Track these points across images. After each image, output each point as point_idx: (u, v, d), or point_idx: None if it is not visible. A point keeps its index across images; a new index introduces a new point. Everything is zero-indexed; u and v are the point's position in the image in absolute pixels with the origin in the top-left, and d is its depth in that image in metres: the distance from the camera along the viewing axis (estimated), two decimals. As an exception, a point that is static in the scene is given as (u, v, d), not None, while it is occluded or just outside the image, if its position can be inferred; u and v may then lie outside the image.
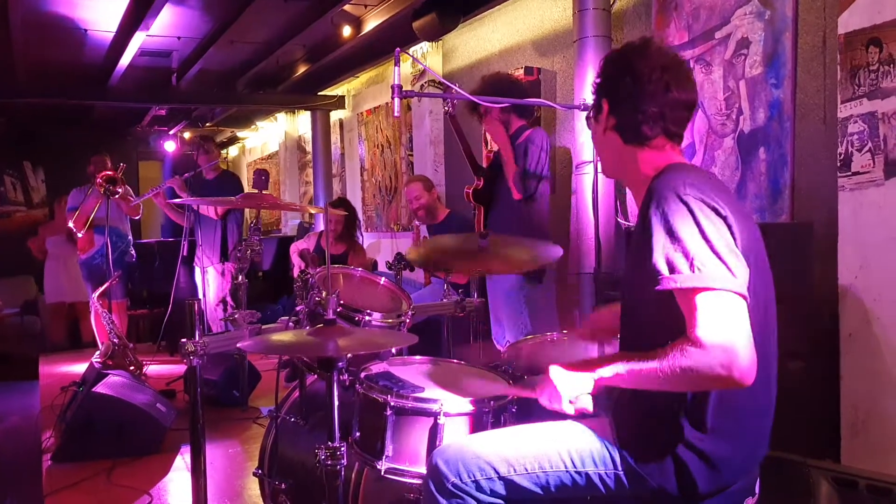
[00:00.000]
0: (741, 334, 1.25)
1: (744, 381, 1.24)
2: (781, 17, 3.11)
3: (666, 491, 1.41)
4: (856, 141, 2.76)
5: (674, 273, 1.29)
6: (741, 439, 1.44)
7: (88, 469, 3.23)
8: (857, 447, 2.67)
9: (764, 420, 1.49)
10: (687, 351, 1.25)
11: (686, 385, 1.30)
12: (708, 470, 1.40)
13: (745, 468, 1.47)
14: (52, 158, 9.59)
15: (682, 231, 1.31)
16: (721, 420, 1.39)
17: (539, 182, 3.38)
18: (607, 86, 1.53)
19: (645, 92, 1.45)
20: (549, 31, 4.54)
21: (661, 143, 1.49)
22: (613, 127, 1.52)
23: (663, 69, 1.45)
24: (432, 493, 1.48)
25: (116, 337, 4.65)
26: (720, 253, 1.29)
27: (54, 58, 6.34)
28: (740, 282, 1.28)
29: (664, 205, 1.34)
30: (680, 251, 1.30)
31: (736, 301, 1.27)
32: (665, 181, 1.39)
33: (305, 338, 1.64)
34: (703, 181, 1.41)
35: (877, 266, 2.66)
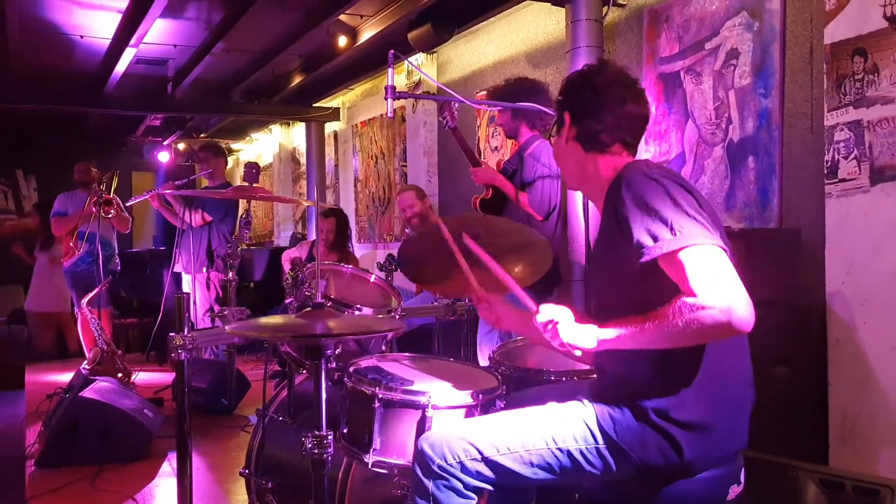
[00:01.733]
0: (733, 281, 1.31)
1: (744, 326, 1.29)
2: (770, 28, 3.16)
3: (650, 465, 1.43)
4: (842, 149, 2.80)
5: (657, 241, 1.36)
6: (722, 406, 1.47)
7: (73, 474, 3.19)
8: (846, 452, 2.68)
9: (743, 388, 1.52)
10: (686, 304, 1.31)
11: (690, 338, 1.33)
12: (691, 435, 1.42)
13: (729, 437, 1.49)
14: (45, 167, 9.57)
15: (656, 203, 1.39)
16: (700, 388, 1.43)
17: (553, 195, 3.29)
18: (569, 100, 1.67)
19: (603, 104, 1.60)
20: (543, 43, 4.59)
21: (619, 150, 1.62)
22: (575, 137, 1.64)
23: (619, 84, 1.61)
24: (418, 477, 1.49)
25: (105, 343, 4.63)
26: (693, 216, 1.37)
27: (49, 64, 6.36)
28: (717, 236, 1.37)
29: (635, 186, 1.44)
30: (658, 220, 1.38)
31: (719, 253, 1.35)
32: (631, 169, 1.51)
33: (294, 320, 1.64)
34: (665, 168, 1.54)
35: (863, 272, 2.69)
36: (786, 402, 2.64)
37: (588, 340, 1.45)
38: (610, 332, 1.42)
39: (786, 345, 2.68)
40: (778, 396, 2.60)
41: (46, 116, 8.33)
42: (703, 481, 1.47)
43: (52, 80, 6.82)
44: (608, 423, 1.46)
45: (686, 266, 1.33)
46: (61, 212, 5.49)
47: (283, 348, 2.10)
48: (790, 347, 2.69)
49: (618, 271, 1.48)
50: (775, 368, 2.64)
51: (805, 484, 2.14)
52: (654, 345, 1.38)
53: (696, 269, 1.32)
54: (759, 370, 1.56)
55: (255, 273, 7.14)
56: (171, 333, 1.90)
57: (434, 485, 1.46)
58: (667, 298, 1.35)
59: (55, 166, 9.22)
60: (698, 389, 1.43)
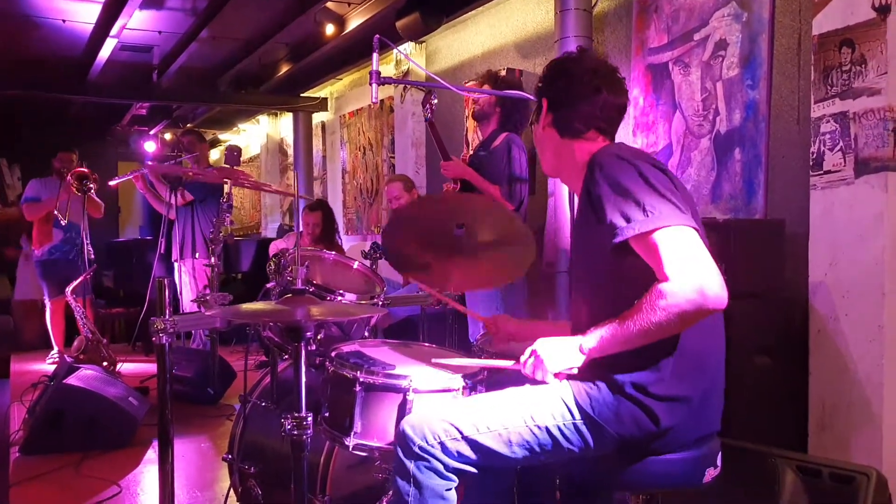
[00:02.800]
0: (704, 260, 1.34)
1: (718, 304, 1.32)
2: (758, 19, 3.16)
3: (626, 438, 1.45)
4: (828, 140, 2.81)
5: (630, 222, 1.38)
6: (698, 382, 1.49)
7: (57, 461, 3.17)
8: (825, 441, 2.70)
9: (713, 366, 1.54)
10: (661, 291, 1.33)
11: (671, 325, 1.34)
12: (667, 405, 1.44)
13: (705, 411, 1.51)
14: (29, 156, 9.45)
15: (629, 184, 1.42)
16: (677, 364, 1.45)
17: (523, 187, 3.34)
18: (546, 87, 1.69)
19: (578, 93, 1.62)
20: (532, 33, 4.58)
21: (594, 136, 1.64)
22: (551, 123, 1.66)
23: (595, 72, 1.62)
24: (400, 458, 1.49)
25: (90, 332, 4.60)
26: (666, 196, 1.39)
27: (31, 50, 6.27)
28: (688, 216, 1.39)
29: (607, 168, 1.46)
30: (631, 201, 1.40)
31: (691, 233, 1.37)
32: (604, 151, 1.53)
33: (275, 306, 1.63)
34: (639, 149, 1.57)
35: (846, 263, 2.70)
36: (767, 391, 2.66)
37: (574, 358, 1.47)
38: (594, 340, 1.44)
39: (768, 334, 2.70)
40: (759, 385, 2.62)
41: (30, 104, 8.24)
42: (680, 462, 1.49)
43: (34, 67, 6.73)
44: (584, 398, 1.48)
45: (659, 247, 1.35)
46: (34, 197, 5.41)
47: (265, 334, 2.10)
48: (772, 337, 2.71)
49: (595, 254, 1.49)
50: (757, 357, 2.66)
51: (783, 471, 2.16)
52: (639, 341, 1.38)
53: (669, 250, 1.34)
54: (741, 359, 1.58)
55: (243, 264, 7.11)
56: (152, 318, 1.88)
57: (415, 465, 1.46)
58: (642, 279, 1.36)
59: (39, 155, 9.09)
60: (675, 366, 1.45)
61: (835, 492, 2.07)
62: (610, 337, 1.41)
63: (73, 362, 3.85)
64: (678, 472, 1.51)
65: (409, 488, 1.46)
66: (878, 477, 2.02)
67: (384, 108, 6.41)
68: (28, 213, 5.42)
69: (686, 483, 1.54)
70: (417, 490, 1.46)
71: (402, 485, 1.48)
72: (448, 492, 1.48)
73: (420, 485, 1.46)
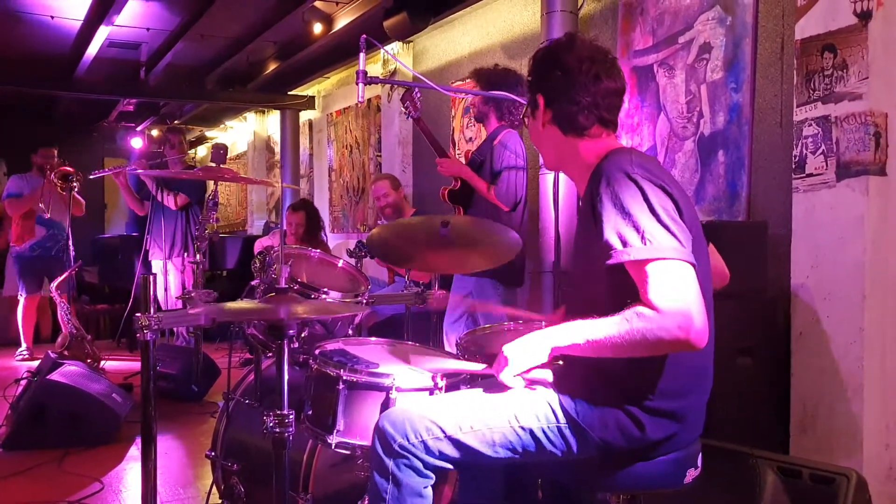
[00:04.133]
0: (694, 298, 1.31)
1: (699, 343, 1.30)
2: (742, 23, 3.20)
3: (610, 444, 1.44)
4: (810, 144, 2.84)
5: (626, 246, 1.35)
6: (691, 396, 1.48)
7: (40, 457, 3.16)
8: (806, 442, 2.73)
9: (708, 380, 1.53)
10: (643, 316, 1.31)
11: (642, 349, 1.33)
12: (657, 419, 1.44)
13: (694, 424, 1.51)
14: (15, 152, 9.35)
15: (632, 207, 1.37)
16: (671, 381, 1.44)
17: (519, 187, 3.31)
18: (540, 81, 1.59)
19: (577, 83, 1.53)
20: (519, 34, 4.60)
21: (598, 132, 1.57)
22: (551, 120, 1.58)
23: (591, 60, 1.53)
24: (379, 455, 1.47)
25: (74, 328, 4.56)
26: (668, 225, 1.35)
27: (18, 45, 6.22)
28: (688, 250, 1.35)
29: (614, 184, 1.41)
30: (631, 225, 1.35)
31: (686, 268, 1.33)
32: (613, 163, 1.46)
33: (258, 304, 1.63)
34: (649, 162, 1.49)
35: (828, 266, 2.74)
36: (748, 392, 2.69)
37: (539, 354, 1.44)
38: (563, 338, 1.41)
39: (750, 336, 2.73)
40: (741, 386, 2.64)
41: (15, 100, 8.16)
42: (661, 463, 1.49)
43: (21, 63, 6.67)
44: (569, 402, 1.47)
45: (650, 278, 1.31)
46: (15, 193, 5.38)
47: (249, 331, 2.10)
48: (754, 338, 2.74)
49: (593, 261, 1.46)
50: (739, 359, 2.68)
51: (764, 472, 2.18)
52: (607, 353, 1.36)
53: (660, 282, 1.31)
54: (722, 360, 1.59)
55: (228, 261, 7.08)
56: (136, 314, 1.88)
57: (395, 463, 1.45)
58: (631, 297, 1.34)
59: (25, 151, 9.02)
60: (670, 380, 1.43)
61: (815, 493, 2.09)
62: (581, 341, 1.38)
63: (57, 358, 3.82)
64: (659, 473, 1.51)
65: (388, 486, 1.45)
66: (857, 478, 2.04)
67: (371, 107, 6.41)
68: (11, 210, 5.38)
69: (667, 484, 1.55)
70: (396, 488, 1.45)
71: (381, 482, 1.46)
72: (426, 489, 1.47)
73: (399, 482, 1.45)
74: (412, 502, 1.45)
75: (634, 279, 1.35)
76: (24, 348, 5.47)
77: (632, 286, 1.36)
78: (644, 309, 1.31)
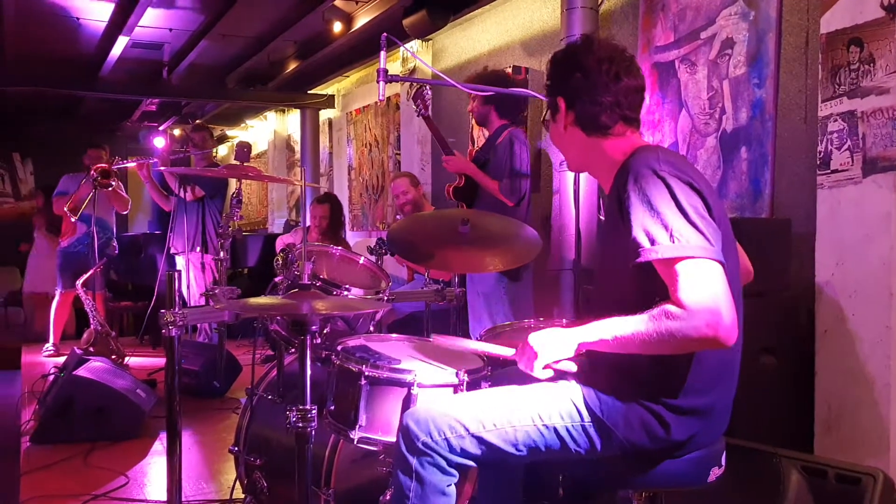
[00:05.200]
0: (723, 296, 1.30)
1: (728, 341, 1.30)
2: (766, 17, 3.16)
3: (636, 444, 1.43)
4: (835, 139, 2.80)
5: (654, 245, 1.35)
6: (718, 394, 1.48)
7: (66, 451, 3.21)
8: (831, 443, 2.70)
9: (732, 378, 1.53)
10: (672, 314, 1.31)
11: (671, 347, 1.33)
12: (682, 418, 1.43)
13: (720, 423, 1.51)
14: (42, 151, 9.57)
15: (660, 205, 1.37)
16: (698, 378, 1.43)
17: (524, 182, 3.36)
18: (561, 85, 1.60)
19: (598, 83, 1.53)
20: (538, 31, 4.59)
21: (622, 130, 1.57)
22: (574, 122, 1.58)
23: (610, 60, 1.53)
24: (402, 453, 1.48)
25: (99, 324, 4.63)
26: (696, 224, 1.35)
27: (46, 47, 6.33)
28: (717, 248, 1.34)
29: (642, 181, 1.40)
30: (659, 223, 1.35)
31: (714, 266, 1.33)
32: (641, 160, 1.45)
33: (281, 300, 1.65)
34: (676, 159, 1.48)
35: (853, 263, 2.70)
36: (771, 391, 2.66)
37: (566, 348, 1.44)
38: (590, 335, 1.41)
39: (773, 334, 2.70)
40: (764, 385, 2.62)
41: (43, 100, 8.31)
42: (685, 462, 1.48)
43: (48, 64, 6.80)
44: (594, 400, 1.47)
45: (679, 276, 1.31)
46: (63, 191, 5.51)
47: (272, 327, 2.12)
48: (778, 337, 2.71)
49: (621, 258, 1.45)
50: (762, 357, 2.66)
51: (788, 471, 2.16)
52: (635, 350, 1.36)
53: (689, 280, 1.30)
54: (745, 359, 1.57)
55: (249, 259, 7.14)
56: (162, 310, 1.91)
57: (418, 462, 1.45)
58: (659, 295, 1.34)
59: (51, 150, 9.22)
60: (696, 378, 1.43)
61: (840, 493, 2.06)
62: (609, 337, 1.38)
63: (83, 354, 3.89)
64: (683, 471, 1.50)
65: (412, 483, 1.46)
66: (885, 479, 2.01)
67: (390, 105, 6.43)
68: (56, 207, 5.51)
69: (691, 483, 1.54)
70: (420, 485, 1.45)
71: (404, 480, 1.47)
72: (449, 487, 1.47)
73: (422, 480, 1.45)
74: (436, 500, 1.45)
75: (663, 277, 1.35)
76: (50, 344, 5.56)
77: (660, 284, 1.35)
78: (673, 307, 1.31)
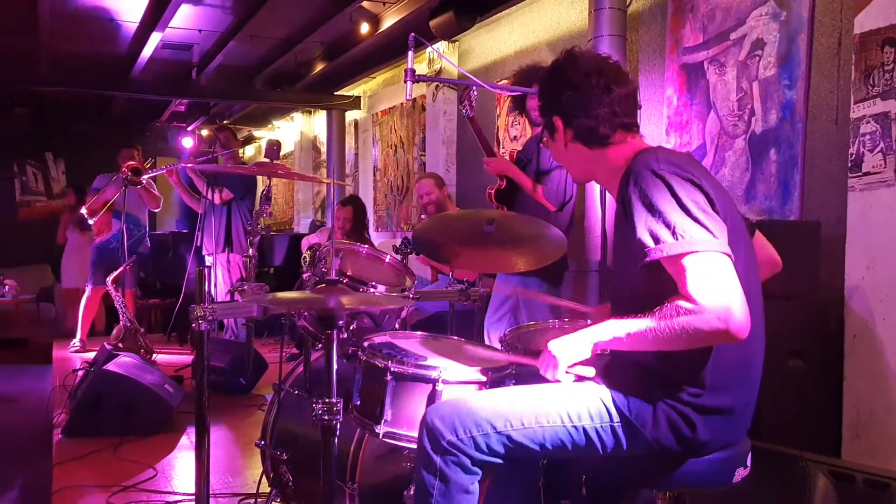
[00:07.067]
0: (733, 289, 1.30)
1: (740, 334, 1.30)
2: (797, 18, 3.12)
3: (662, 444, 1.43)
4: (868, 141, 2.76)
5: (659, 244, 1.36)
6: (743, 393, 1.48)
7: (96, 444, 3.28)
8: (859, 448, 2.66)
9: (755, 373, 1.52)
10: (683, 309, 1.31)
11: (684, 342, 1.33)
12: (708, 418, 1.43)
13: (744, 421, 1.50)
14: (73, 150, 9.76)
15: (660, 203, 1.38)
16: (716, 375, 1.43)
17: (568, 186, 3.29)
18: (554, 104, 1.61)
19: (590, 97, 1.55)
20: (565, 32, 4.58)
21: (622, 138, 1.58)
22: (573, 138, 1.60)
23: (598, 73, 1.55)
24: (426, 451, 1.48)
25: (128, 321, 4.72)
26: (699, 219, 1.35)
27: (78, 48, 6.47)
28: (722, 241, 1.35)
29: (641, 182, 1.42)
30: (661, 222, 1.36)
31: (722, 259, 1.33)
32: (640, 161, 1.47)
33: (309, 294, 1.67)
34: (675, 157, 1.49)
35: (885, 267, 2.66)
36: (799, 395, 2.63)
37: (582, 350, 1.46)
38: (604, 335, 1.43)
39: (802, 337, 2.67)
40: (791, 389, 2.59)
41: (75, 100, 8.48)
42: (710, 462, 1.48)
43: (81, 65, 6.94)
44: (622, 400, 1.47)
45: (687, 272, 1.32)
46: (95, 189, 5.63)
47: (299, 323, 2.15)
48: (806, 340, 2.68)
49: (629, 258, 1.47)
50: (790, 361, 2.63)
51: (815, 475, 2.13)
52: (649, 346, 1.37)
53: (697, 274, 1.31)
54: (773, 362, 1.56)
55: (275, 258, 7.22)
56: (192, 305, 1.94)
57: (442, 460, 1.46)
58: (671, 290, 1.35)
59: (83, 150, 9.41)
60: (720, 376, 1.43)
61: (869, 498, 2.03)
62: (623, 335, 1.39)
63: (113, 350, 3.96)
64: (708, 471, 1.50)
65: (435, 482, 1.46)
66: (914, 484, 1.98)
67: (416, 106, 6.46)
68: (87, 208, 5.63)
69: (716, 483, 1.53)
70: (444, 484, 1.45)
71: (428, 478, 1.47)
72: (473, 485, 1.47)
73: (447, 479, 1.45)
74: (459, 499, 1.46)
75: (671, 274, 1.36)
76: (77, 339, 5.66)
77: (670, 283, 1.36)
78: (683, 302, 1.31)
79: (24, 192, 9.82)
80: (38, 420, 4.24)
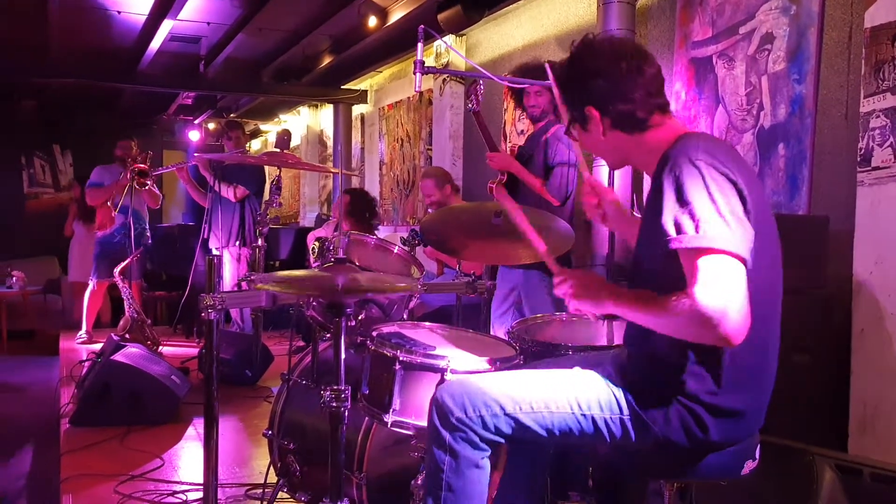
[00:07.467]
0: (736, 296, 1.29)
1: (732, 340, 1.29)
2: (807, 12, 3.11)
3: (672, 441, 1.44)
4: (877, 136, 2.75)
5: (680, 234, 1.35)
6: (757, 395, 1.48)
7: (104, 433, 3.30)
8: (865, 443, 2.66)
9: (769, 377, 1.52)
10: (684, 303, 1.31)
11: (678, 332, 1.35)
12: (720, 420, 1.43)
13: (756, 422, 1.50)
14: (81, 143, 9.78)
15: (691, 194, 1.36)
16: (731, 375, 1.42)
17: (570, 179, 3.29)
18: (584, 95, 1.56)
19: (623, 82, 1.51)
20: (574, 26, 4.57)
21: (659, 120, 1.55)
22: (612, 126, 1.56)
23: (623, 56, 1.51)
24: (435, 426, 1.50)
25: (135, 312, 4.74)
26: (725, 217, 1.33)
27: (87, 40, 6.48)
28: (743, 246, 1.33)
29: (676, 169, 1.40)
30: (687, 213, 1.35)
31: (735, 264, 1.32)
32: (680, 148, 1.45)
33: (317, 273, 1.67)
34: (716, 147, 1.46)
35: (893, 262, 2.65)
36: (806, 389, 2.62)
37: (597, 303, 1.47)
38: (620, 296, 1.44)
39: (809, 332, 2.66)
40: (797, 384, 2.58)
41: (82, 92, 8.50)
42: (720, 454, 1.47)
43: (89, 57, 6.95)
44: (635, 394, 1.47)
45: (698, 269, 1.31)
46: (97, 183, 5.63)
47: (308, 312, 2.15)
48: (813, 335, 2.67)
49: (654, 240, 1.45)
50: (796, 355, 2.62)
51: (822, 469, 2.13)
52: (650, 325, 1.39)
53: (706, 275, 1.30)
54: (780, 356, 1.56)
55: (281, 252, 7.23)
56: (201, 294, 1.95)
57: (452, 437, 1.48)
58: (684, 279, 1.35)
59: (90, 142, 9.41)
60: (735, 377, 1.43)
61: (876, 493, 2.02)
62: (632, 307, 1.42)
63: (119, 341, 3.98)
64: (717, 463, 1.49)
65: (446, 457, 1.48)
66: (922, 479, 1.98)
67: (423, 100, 6.45)
68: (90, 199, 5.64)
69: (724, 475, 1.53)
70: (454, 459, 1.48)
71: (438, 454, 1.49)
72: (483, 461, 1.49)
73: (456, 454, 1.48)
74: (470, 474, 1.48)
75: (684, 266, 1.35)
76: (83, 331, 5.69)
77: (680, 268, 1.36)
78: (686, 298, 1.31)
79: (32, 185, 9.85)
80: (45, 410, 4.27)
